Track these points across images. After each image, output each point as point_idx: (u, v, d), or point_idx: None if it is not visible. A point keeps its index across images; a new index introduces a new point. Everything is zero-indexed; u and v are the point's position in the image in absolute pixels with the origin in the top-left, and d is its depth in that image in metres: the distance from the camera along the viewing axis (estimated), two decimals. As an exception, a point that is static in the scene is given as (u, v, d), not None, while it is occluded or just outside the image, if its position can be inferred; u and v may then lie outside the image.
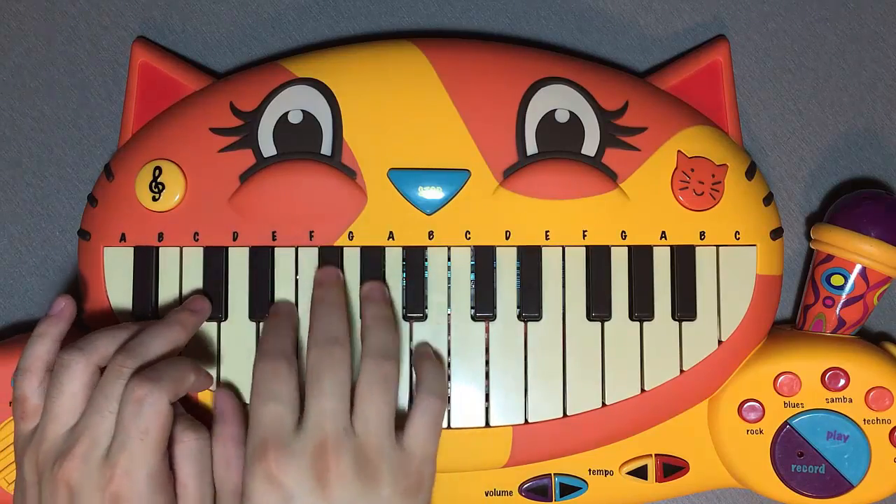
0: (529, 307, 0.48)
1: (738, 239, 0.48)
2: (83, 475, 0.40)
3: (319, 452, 0.40)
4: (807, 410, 0.48)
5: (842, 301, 0.49)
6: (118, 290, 0.48)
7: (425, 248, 0.48)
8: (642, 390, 0.48)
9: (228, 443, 0.43)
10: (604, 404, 0.48)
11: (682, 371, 0.48)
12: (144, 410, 0.40)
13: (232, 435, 0.44)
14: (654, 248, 0.48)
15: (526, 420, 0.48)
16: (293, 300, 0.48)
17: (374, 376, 0.43)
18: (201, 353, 0.47)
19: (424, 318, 0.48)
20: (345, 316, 0.45)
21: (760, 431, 0.48)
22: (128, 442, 0.40)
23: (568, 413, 0.48)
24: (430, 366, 0.46)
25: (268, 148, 0.48)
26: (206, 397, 0.47)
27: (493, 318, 0.48)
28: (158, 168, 0.48)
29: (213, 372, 0.47)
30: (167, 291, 0.48)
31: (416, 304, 0.48)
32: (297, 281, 0.48)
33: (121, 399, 0.41)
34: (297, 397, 0.42)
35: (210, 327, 0.48)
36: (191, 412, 0.45)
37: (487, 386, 0.48)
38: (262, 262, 0.48)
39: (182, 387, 0.43)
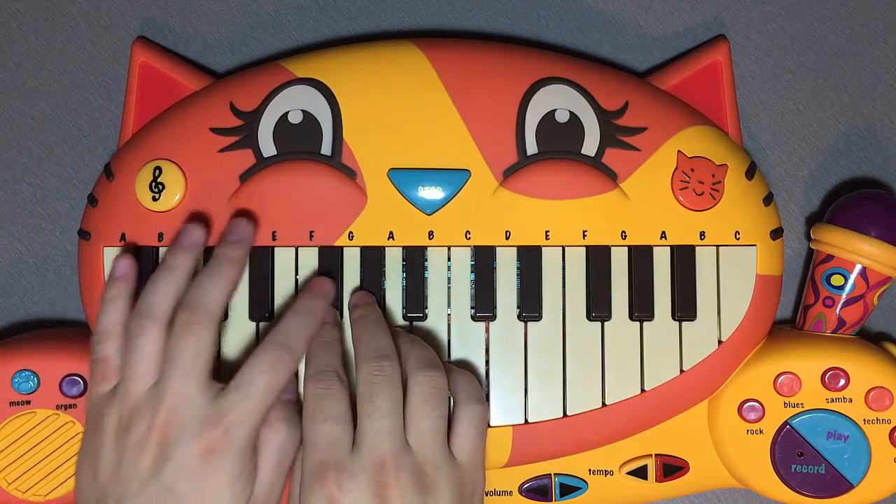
0: (529, 307, 0.48)
1: (738, 239, 0.48)
2: (177, 428, 0.40)
3: (379, 471, 0.40)
4: (807, 410, 0.48)
5: (842, 301, 0.49)
6: (118, 290, 0.48)
7: (425, 248, 0.48)
8: (642, 390, 0.48)
9: None
10: (604, 404, 0.48)
11: (682, 371, 0.48)
12: (276, 374, 0.41)
13: None
14: (654, 248, 0.48)
15: (526, 420, 0.48)
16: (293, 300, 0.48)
17: (426, 389, 0.42)
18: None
19: (424, 318, 0.48)
20: (388, 331, 0.45)
21: (760, 431, 0.48)
22: (251, 396, 0.41)
23: (568, 413, 0.48)
24: (461, 374, 0.45)
25: (268, 148, 0.48)
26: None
27: (493, 318, 0.48)
28: (158, 168, 0.48)
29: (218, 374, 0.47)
30: (167, 291, 0.48)
31: (416, 304, 0.48)
32: (297, 281, 0.48)
33: (256, 357, 0.42)
34: (351, 414, 0.42)
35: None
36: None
37: (487, 386, 0.48)
38: (262, 262, 0.48)
39: (305, 351, 0.44)
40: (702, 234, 0.48)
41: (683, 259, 0.48)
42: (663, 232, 0.48)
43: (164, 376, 0.41)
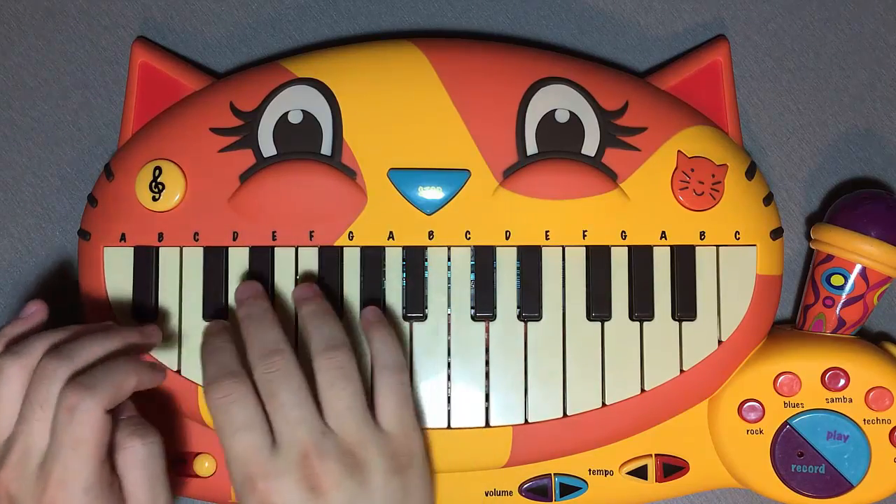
0: (529, 307, 0.48)
1: (738, 239, 0.48)
2: (20, 484, 0.39)
3: (304, 463, 0.40)
4: (807, 410, 0.48)
5: (842, 301, 0.49)
6: (118, 290, 0.48)
7: (425, 248, 0.48)
8: (642, 390, 0.48)
9: None
10: (604, 404, 0.48)
11: (682, 371, 0.48)
12: (76, 419, 0.39)
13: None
14: (654, 248, 0.48)
15: (526, 420, 0.48)
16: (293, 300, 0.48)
17: (329, 371, 0.42)
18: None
19: (424, 318, 0.48)
20: (275, 323, 0.43)
21: (760, 431, 0.48)
22: (60, 452, 0.39)
23: (568, 413, 0.48)
24: (380, 336, 0.44)
25: (268, 148, 0.48)
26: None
27: (493, 318, 0.48)
28: (158, 168, 0.48)
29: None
30: (167, 291, 0.48)
31: (416, 304, 0.48)
32: (296, 281, 0.48)
33: (54, 406, 0.39)
34: (261, 411, 0.41)
35: (210, 327, 0.48)
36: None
37: (487, 386, 0.48)
38: (262, 262, 0.48)
39: (121, 392, 0.41)
40: (702, 234, 0.48)
41: (683, 259, 0.48)
42: (663, 232, 0.48)
43: (17, 423, 0.40)
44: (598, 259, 0.48)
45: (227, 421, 0.41)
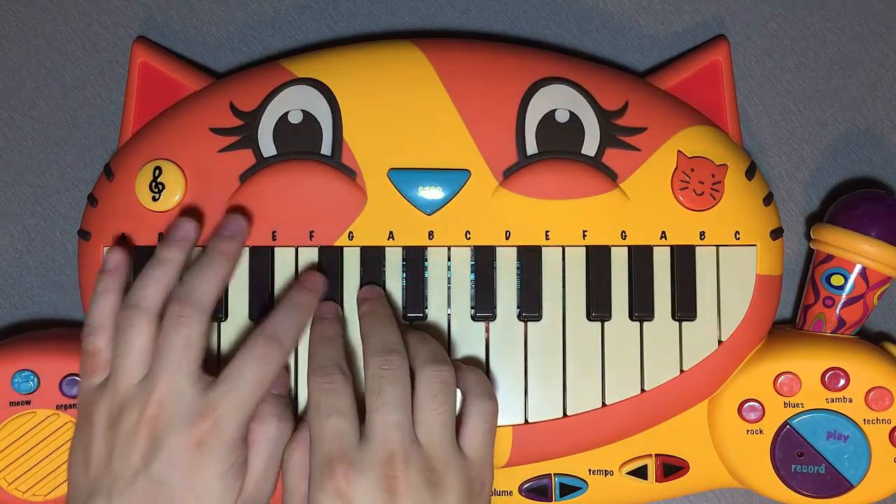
0: (529, 307, 0.48)
1: (738, 239, 0.48)
2: (167, 421, 0.40)
3: (388, 465, 0.40)
4: (807, 410, 0.48)
5: (842, 301, 0.49)
6: (118, 290, 0.48)
7: (425, 248, 0.48)
8: (642, 390, 0.48)
9: (307, 452, 0.44)
10: (604, 404, 0.48)
11: (682, 371, 0.48)
12: (265, 367, 0.42)
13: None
14: (654, 248, 0.48)
15: (526, 420, 0.48)
16: (293, 300, 0.48)
17: (434, 384, 0.42)
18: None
19: (424, 318, 0.48)
20: (396, 326, 0.45)
21: (760, 431, 0.48)
22: (240, 388, 0.41)
23: (568, 413, 0.48)
24: (472, 370, 0.45)
25: (268, 148, 0.48)
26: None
27: (493, 318, 0.48)
28: (158, 168, 0.48)
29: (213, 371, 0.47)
30: (167, 291, 0.48)
31: (416, 304, 0.48)
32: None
33: (245, 349, 0.42)
34: (356, 408, 0.42)
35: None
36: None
37: (487, 386, 0.48)
38: (262, 262, 0.48)
39: (295, 344, 0.44)
40: (702, 234, 0.48)
41: (683, 259, 0.48)
42: (663, 232, 0.48)
43: (153, 369, 0.42)
44: (598, 259, 0.48)
45: (323, 403, 0.42)
